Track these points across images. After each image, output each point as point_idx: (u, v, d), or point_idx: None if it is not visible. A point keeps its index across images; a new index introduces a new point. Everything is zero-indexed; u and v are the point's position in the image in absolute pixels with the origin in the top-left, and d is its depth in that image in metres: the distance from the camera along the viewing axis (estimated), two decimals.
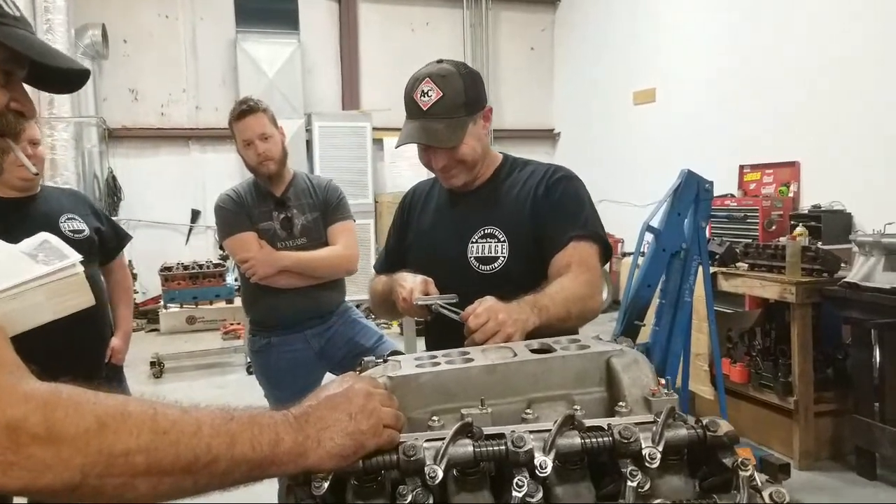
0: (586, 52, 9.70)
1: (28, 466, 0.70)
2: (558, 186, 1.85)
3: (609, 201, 8.97)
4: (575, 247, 1.76)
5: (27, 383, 0.74)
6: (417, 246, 1.99)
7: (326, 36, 9.48)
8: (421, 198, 2.07)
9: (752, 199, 5.98)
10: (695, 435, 0.90)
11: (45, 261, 1.57)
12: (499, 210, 1.85)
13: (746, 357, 4.31)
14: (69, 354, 2.39)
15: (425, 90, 1.76)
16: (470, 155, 1.82)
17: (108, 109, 8.64)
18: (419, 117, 1.77)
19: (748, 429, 4.27)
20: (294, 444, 0.85)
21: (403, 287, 1.76)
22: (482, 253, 1.81)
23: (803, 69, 5.98)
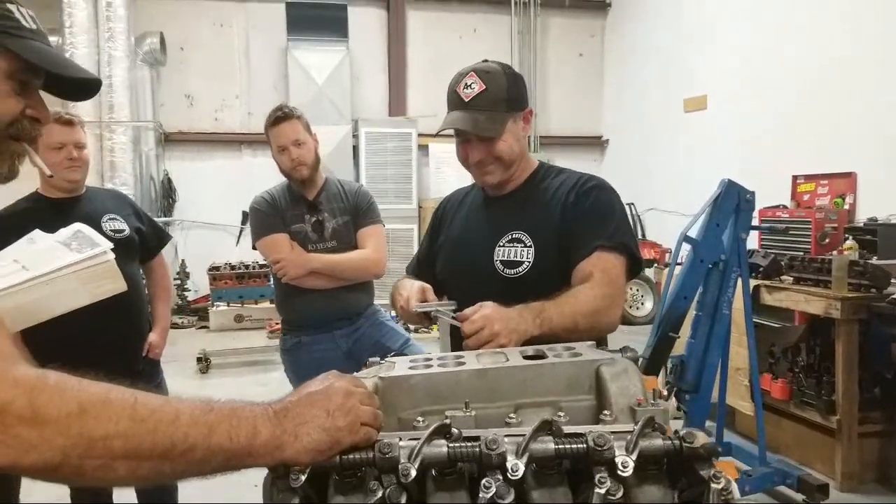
0: (636, 58, 9.60)
1: (14, 445, 0.76)
2: (590, 195, 1.82)
3: (657, 210, 8.87)
4: (599, 257, 1.73)
5: (17, 369, 0.80)
6: (446, 249, 2.01)
7: (374, 43, 9.62)
8: (455, 203, 2.09)
9: (805, 210, 5.80)
10: (671, 446, 0.90)
11: (77, 249, 1.67)
12: (528, 215, 1.85)
13: (789, 373, 4.19)
14: (108, 348, 2.50)
15: (469, 83, 1.77)
16: (507, 152, 1.81)
17: (165, 114, 8.97)
18: (460, 108, 1.77)
19: (789, 447, 4.14)
20: (271, 438, 0.89)
21: (401, 294, 1.78)
22: (508, 257, 1.80)
23: (860, 78, 5.79)
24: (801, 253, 4.61)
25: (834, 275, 3.76)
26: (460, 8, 9.98)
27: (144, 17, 8.45)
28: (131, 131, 7.91)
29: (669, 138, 8.77)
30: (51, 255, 1.64)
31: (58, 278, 1.59)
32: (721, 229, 3.53)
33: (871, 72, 5.70)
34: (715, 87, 7.89)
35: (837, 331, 3.76)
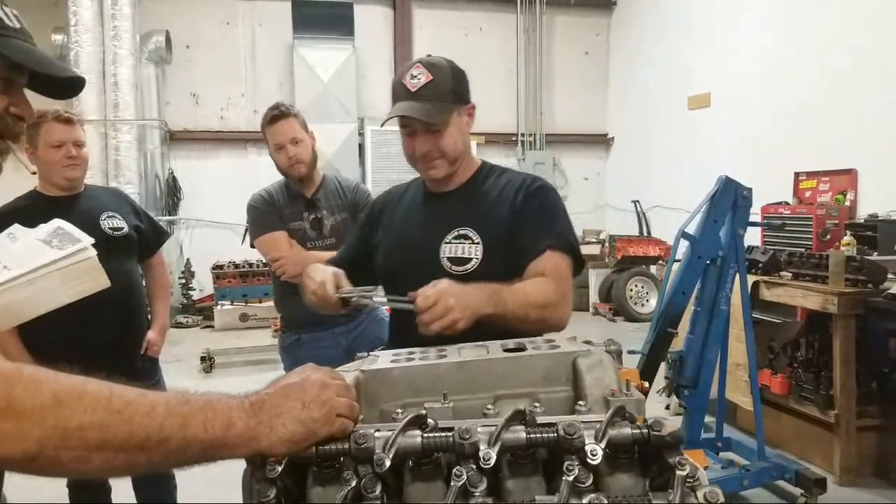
0: (641, 56, 9.60)
1: None
2: (537, 195, 1.85)
3: (662, 207, 8.87)
4: (550, 256, 1.77)
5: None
6: (387, 245, 1.97)
7: (381, 41, 9.64)
8: (394, 201, 2.06)
9: (807, 207, 5.80)
10: (639, 434, 0.92)
11: (58, 246, 1.66)
12: (475, 212, 1.85)
13: (788, 368, 4.20)
14: (105, 346, 2.53)
15: (415, 74, 1.77)
16: (452, 146, 1.82)
17: (170, 112, 9.01)
18: (407, 98, 1.76)
19: (788, 441, 4.16)
20: (246, 429, 0.90)
21: (312, 279, 1.75)
22: (455, 253, 1.80)
23: (861, 76, 5.78)
24: (800, 249, 4.61)
25: (831, 270, 3.77)
26: (466, 6, 9.99)
27: (150, 16, 8.49)
28: (136, 130, 7.95)
29: (674, 136, 8.77)
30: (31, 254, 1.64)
31: (39, 277, 1.59)
32: (718, 226, 3.55)
33: (871, 70, 5.70)
34: (718, 86, 7.90)
35: (835, 326, 3.77)
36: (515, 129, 10.23)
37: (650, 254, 8.67)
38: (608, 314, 8.69)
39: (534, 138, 10.24)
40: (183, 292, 8.78)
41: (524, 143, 10.21)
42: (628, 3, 10.08)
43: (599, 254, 9.30)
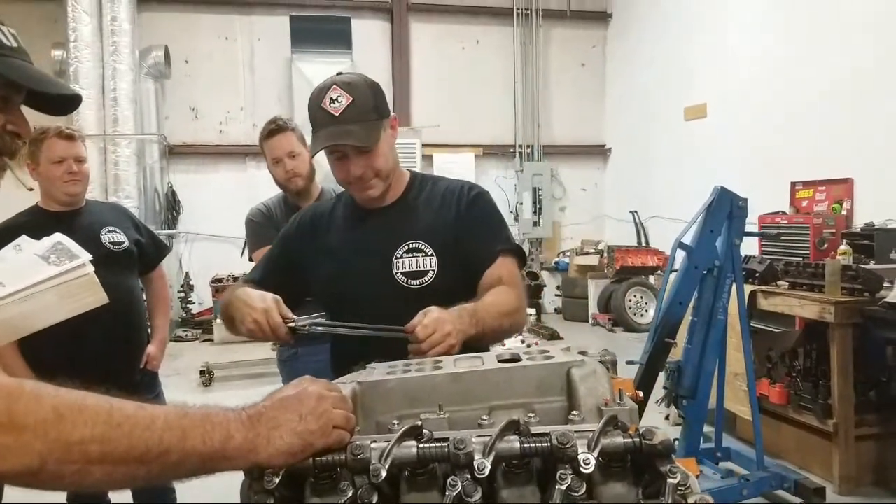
0: (638, 67, 9.67)
1: None
2: (479, 201, 1.89)
3: (660, 217, 8.90)
4: (503, 262, 1.82)
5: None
6: (328, 266, 1.87)
7: (378, 54, 9.71)
8: (324, 216, 1.97)
9: (804, 216, 5.82)
10: (631, 443, 0.93)
11: (56, 262, 1.66)
12: (421, 224, 1.84)
13: (787, 378, 4.21)
14: (104, 360, 2.54)
15: (334, 97, 1.70)
16: (384, 164, 1.79)
17: (170, 127, 9.05)
18: (332, 124, 1.71)
19: (788, 451, 4.16)
20: (244, 441, 0.92)
21: (253, 308, 1.62)
22: (410, 268, 1.78)
23: (856, 84, 5.83)
24: (797, 259, 4.63)
25: (827, 279, 3.79)
26: (463, 19, 10.07)
27: (149, 31, 8.55)
28: (135, 144, 7.99)
29: (671, 146, 8.82)
30: (27, 270, 1.64)
31: (35, 294, 1.59)
32: (714, 236, 3.56)
33: (867, 80, 5.74)
34: (714, 96, 7.96)
35: (832, 335, 3.78)
36: (513, 140, 10.28)
37: (649, 264, 8.69)
38: (607, 325, 8.69)
39: (531, 150, 10.29)
40: (182, 306, 8.78)
41: (521, 155, 10.25)
42: (624, 14, 10.15)
43: (598, 264, 9.33)
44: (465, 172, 9.57)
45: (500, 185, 10.20)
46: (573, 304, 9.52)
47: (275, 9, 9.31)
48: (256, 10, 9.37)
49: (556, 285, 10.13)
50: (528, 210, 10.02)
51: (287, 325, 1.61)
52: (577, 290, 9.46)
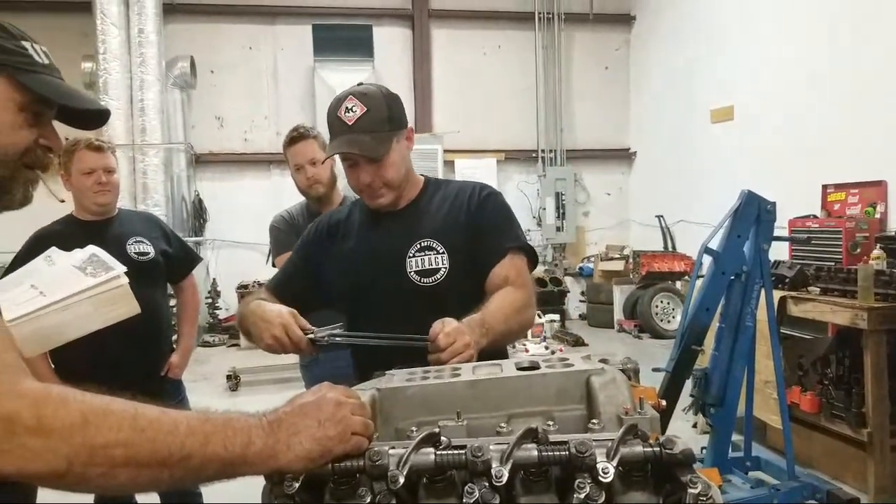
0: (662, 70, 9.59)
1: (20, 454, 0.82)
2: (490, 200, 1.91)
3: (686, 222, 8.80)
4: (511, 259, 1.84)
5: (23, 382, 0.85)
6: (343, 268, 1.92)
7: (400, 61, 9.76)
8: (340, 222, 2.02)
9: (836, 220, 5.71)
10: (651, 452, 0.92)
11: (92, 273, 1.73)
12: (433, 223, 1.87)
13: (818, 385, 4.12)
14: (124, 367, 2.56)
15: (349, 107, 1.76)
16: (394, 175, 1.83)
17: (196, 136, 9.19)
18: (345, 132, 1.76)
19: (820, 461, 4.07)
20: (264, 447, 0.93)
21: (270, 323, 1.64)
22: (422, 266, 1.81)
23: (891, 84, 5.70)
24: (829, 263, 4.54)
25: (860, 285, 3.71)
26: (484, 25, 10.07)
27: (175, 42, 8.69)
28: (163, 153, 8.10)
29: (697, 149, 8.72)
30: (66, 280, 1.70)
31: (73, 304, 1.65)
32: (742, 240, 3.51)
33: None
34: (742, 98, 7.85)
35: (865, 341, 3.70)
36: (535, 145, 10.24)
37: (675, 269, 8.59)
38: (633, 331, 8.61)
39: (554, 154, 10.24)
40: (209, 312, 8.88)
41: (544, 160, 10.21)
42: (648, 17, 10.09)
43: (623, 269, 9.24)
44: (487, 178, 9.56)
45: (522, 190, 10.18)
46: (598, 310, 9.44)
47: (298, 18, 9.41)
48: (280, 19, 9.48)
49: (580, 291, 10.06)
50: (551, 215, 9.96)
51: (307, 337, 1.63)
52: (601, 296, 9.38)
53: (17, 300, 1.72)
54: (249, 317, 1.73)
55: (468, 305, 1.66)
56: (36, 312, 1.68)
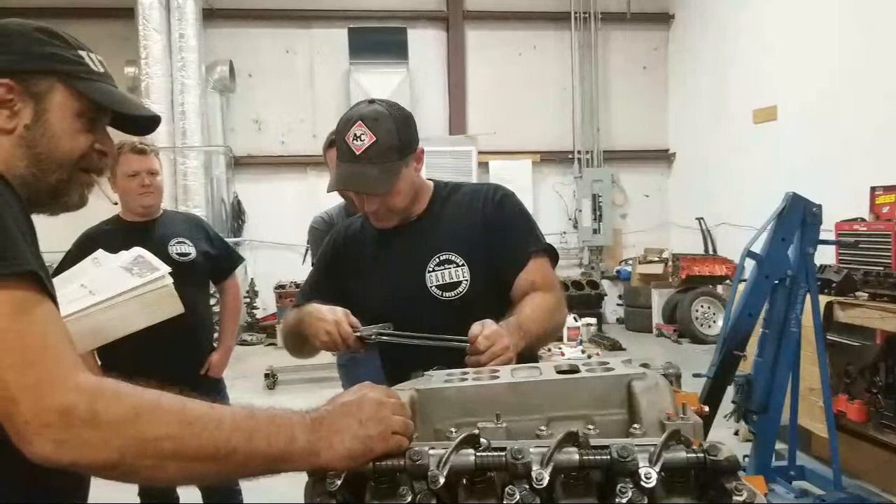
0: (702, 69, 9.44)
1: (76, 444, 0.86)
2: (505, 203, 1.87)
3: (728, 225, 8.65)
4: (535, 263, 1.81)
5: (79, 375, 0.89)
6: (364, 285, 1.90)
7: (434, 63, 9.79)
8: (355, 235, 2.00)
9: (885, 223, 5.53)
10: (694, 459, 0.90)
11: (139, 273, 1.78)
12: (449, 235, 1.84)
13: (866, 394, 4.00)
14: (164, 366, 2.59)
15: (357, 134, 1.71)
16: (401, 202, 1.80)
17: (234, 139, 9.34)
18: (351, 161, 1.72)
19: (868, 471, 3.95)
20: (307, 444, 0.95)
21: (324, 320, 1.67)
22: (443, 280, 1.79)
23: None
24: (878, 268, 4.40)
25: None
26: (519, 25, 10.04)
27: (215, 47, 8.85)
28: (203, 156, 8.25)
29: (739, 150, 8.56)
30: (113, 280, 1.75)
31: (120, 303, 1.70)
32: (786, 244, 3.43)
33: None
34: (785, 97, 7.68)
35: None
36: (571, 146, 10.17)
37: (716, 273, 8.45)
38: (672, 336, 8.48)
39: (591, 155, 10.15)
40: (247, 311, 9.01)
41: (580, 161, 10.13)
42: (687, 15, 9.94)
43: (662, 273, 9.11)
44: (522, 179, 9.53)
45: (558, 191, 10.11)
46: (636, 313, 9.33)
47: (334, 22, 9.50)
48: (316, 23, 9.58)
49: (617, 294, 9.95)
50: (587, 217, 9.87)
51: (355, 335, 1.66)
52: (639, 300, 9.27)
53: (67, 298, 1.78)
54: (305, 318, 1.75)
55: (493, 314, 1.63)
56: (85, 310, 1.74)
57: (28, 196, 1.08)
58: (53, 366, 0.88)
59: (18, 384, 0.86)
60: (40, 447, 0.85)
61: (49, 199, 1.13)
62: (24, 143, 1.08)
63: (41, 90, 1.08)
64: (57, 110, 1.09)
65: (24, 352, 0.88)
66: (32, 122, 1.08)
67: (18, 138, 1.08)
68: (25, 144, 1.08)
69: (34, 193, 1.10)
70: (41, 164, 1.09)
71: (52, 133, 1.09)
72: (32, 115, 1.08)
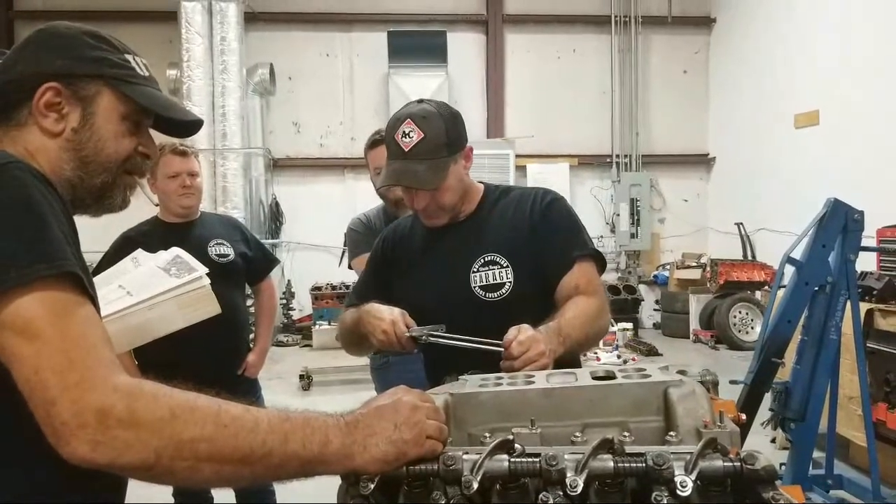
0: (743, 73, 9.30)
1: (113, 445, 0.86)
2: (553, 207, 1.87)
3: (767, 230, 8.51)
4: (580, 267, 1.80)
5: (117, 377, 0.90)
6: (409, 284, 1.93)
7: (473, 66, 9.79)
8: (403, 236, 2.03)
9: None
10: (731, 467, 0.89)
11: (176, 274, 1.81)
12: (495, 236, 1.85)
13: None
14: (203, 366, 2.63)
15: (406, 131, 1.74)
16: (450, 199, 1.83)
17: (274, 141, 9.47)
18: (401, 158, 1.75)
19: None
20: (342, 447, 0.96)
21: (382, 319, 1.72)
22: (486, 281, 1.80)
23: None
24: None
25: None
26: (559, 28, 10.00)
27: (256, 50, 8.97)
28: (242, 158, 8.38)
29: (779, 155, 8.42)
30: (152, 281, 1.78)
31: (158, 303, 1.73)
32: (827, 251, 3.37)
33: None
34: (828, 102, 7.54)
35: None
36: (609, 150, 10.09)
37: (755, 279, 8.30)
38: (710, 342, 8.36)
39: (629, 159, 10.07)
40: (284, 312, 9.11)
41: (619, 165, 10.05)
42: (729, 19, 9.80)
43: (700, 278, 8.99)
44: (560, 183, 9.48)
45: (595, 195, 10.04)
46: (673, 319, 9.21)
47: (373, 25, 9.57)
48: (356, 27, 9.67)
49: (654, 299, 9.84)
50: (625, 222, 9.79)
51: (406, 335, 1.69)
52: (677, 305, 9.15)
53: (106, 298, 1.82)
54: (364, 317, 1.79)
55: (536, 317, 1.64)
56: (124, 311, 1.77)
57: (72, 198, 1.10)
58: (93, 367, 0.88)
59: (58, 385, 0.86)
60: (78, 448, 0.85)
61: (93, 201, 1.14)
62: (71, 146, 1.09)
63: (89, 94, 1.10)
64: (103, 114, 1.11)
65: (64, 353, 0.88)
66: (80, 126, 1.09)
67: (65, 141, 1.09)
68: (72, 147, 1.09)
69: (79, 195, 1.12)
70: (87, 166, 1.10)
71: (98, 136, 1.10)
72: (80, 118, 1.09)
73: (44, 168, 1.07)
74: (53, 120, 1.08)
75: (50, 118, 1.08)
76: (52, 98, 1.07)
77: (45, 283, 0.90)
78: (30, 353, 0.88)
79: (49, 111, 1.08)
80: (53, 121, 1.08)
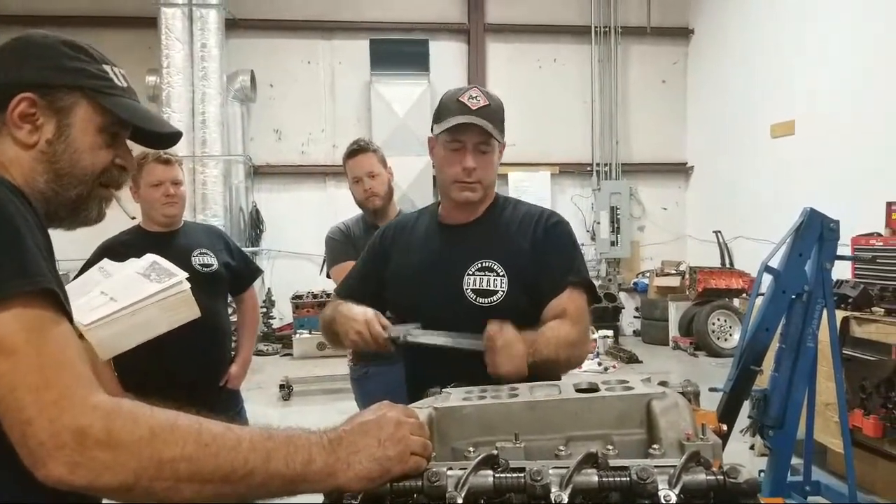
0: (721, 84, 9.42)
1: (91, 467, 0.84)
2: (556, 230, 1.89)
3: (744, 238, 8.61)
4: (571, 293, 1.81)
5: (96, 395, 0.88)
6: (401, 278, 1.94)
7: (455, 75, 9.79)
8: (407, 228, 2.04)
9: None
10: (714, 481, 0.90)
11: (157, 279, 1.81)
12: (497, 245, 1.86)
13: (882, 409, 3.95)
14: (185, 376, 2.60)
15: (474, 95, 1.79)
16: (491, 175, 1.85)
17: (254, 148, 9.41)
18: (467, 113, 1.76)
19: (884, 489, 3.91)
20: (325, 465, 0.94)
21: (355, 320, 1.72)
22: (480, 286, 1.80)
23: None
24: (894, 283, 4.36)
25: None
26: (540, 38, 10.06)
27: (236, 56, 8.92)
28: (222, 165, 8.31)
29: (756, 164, 8.53)
30: (133, 287, 1.78)
31: (142, 308, 1.73)
32: (804, 259, 3.41)
33: None
34: (803, 112, 7.66)
35: None
36: (590, 159, 10.17)
37: (733, 286, 8.39)
38: (689, 348, 8.43)
39: (609, 168, 10.14)
40: (264, 321, 9.04)
41: (599, 173, 10.12)
42: (706, 30, 9.92)
43: (679, 286, 9.07)
44: (541, 191, 9.54)
45: (576, 203, 10.09)
46: (652, 326, 9.28)
47: (355, 33, 9.56)
48: (338, 34, 9.64)
49: (634, 307, 9.91)
50: (605, 229, 9.85)
51: (385, 335, 1.69)
52: (656, 313, 9.22)
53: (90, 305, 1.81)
54: (338, 317, 1.80)
55: (524, 329, 1.65)
56: (110, 317, 1.77)
57: (47, 211, 1.07)
58: (71, 385, 0.86)
59: (35, 404, 0.83)
60: (54, 469, 0.83)
61: (68, 214, 1.12)
62: (45, 157, 1.06)
63: (65, 105, 1.07)
64: (80, 125, 1.08)
65: (41, 371, 0.85)
66: (55, 137, 1.06)
67: (39, 153, 1.06)
68: (46, 160, 1.06)
69: (53, 208, 1.09)
70: (62, 179, 1.08)
71: (73, 148, 1.08)
72: (55, 130, 1.07)
73: (17, 180, 1.04)
74: (27, 131, 1.05)
75: (24, 129, 1.05)
76: (26, 109, 1.05)
77: (21, 299, 0.87)
78: (4, 371, 0.85)
79: (23, 122, 1.05)
80: (27, 132, 1.05)
